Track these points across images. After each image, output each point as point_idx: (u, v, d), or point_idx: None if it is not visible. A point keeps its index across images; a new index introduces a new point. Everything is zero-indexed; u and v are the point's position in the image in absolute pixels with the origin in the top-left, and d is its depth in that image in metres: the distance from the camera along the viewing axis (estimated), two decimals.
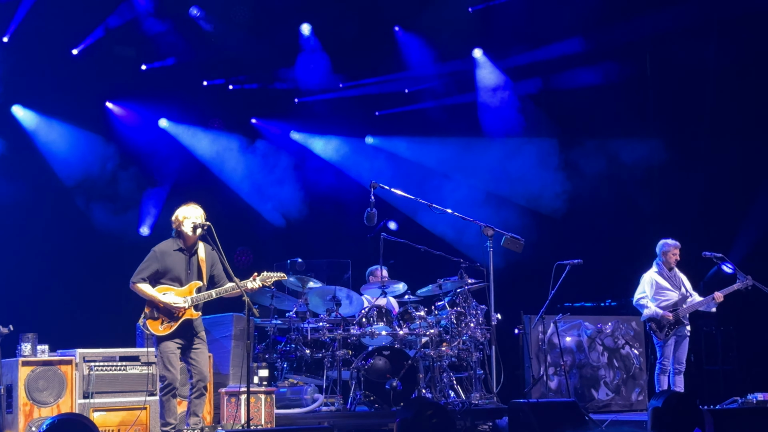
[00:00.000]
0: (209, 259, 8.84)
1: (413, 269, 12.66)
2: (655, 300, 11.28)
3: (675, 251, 11.40)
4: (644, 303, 11.35)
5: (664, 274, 11.37)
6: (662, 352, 11.20)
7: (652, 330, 11.26)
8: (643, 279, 11.51)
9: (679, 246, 11.41)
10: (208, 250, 8.85)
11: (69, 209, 13.69)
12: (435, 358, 10.59)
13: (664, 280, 11.33)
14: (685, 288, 11.37)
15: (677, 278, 11.41)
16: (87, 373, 9.50)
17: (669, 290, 11.30)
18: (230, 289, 8.68)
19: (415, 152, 15.83)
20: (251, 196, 15.10)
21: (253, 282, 8.74)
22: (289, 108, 15.89)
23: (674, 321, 11.12)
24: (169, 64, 14.76)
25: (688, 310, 11.19)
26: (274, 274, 8.90)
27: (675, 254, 11.40)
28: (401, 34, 15.53)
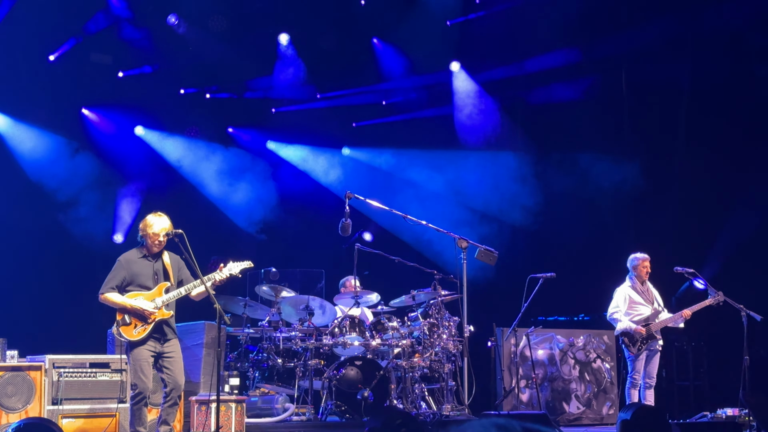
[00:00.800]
0: (175, 264, 8.81)
1: (387, 280, 12.66)
2: (627, 314, 11.32)
3: (645, 263, 11.44)
4: (617, 317, 11.39)
5: (637, 288, 11.42)
6: (633, 366, 11.24)
7: (625, 344, 11.30)
8: (616, 293, 11.55)
9: (648, 258, 11.47)
10: (173, 256, 8.82)
11: (42, 215, 13.61)
12: (407, 369, 10.59)
13: (637, 295, 11.38)
14: (657, 303, 11.42)
15: (650, 293, 11.46)
16: (56, 380, 9.43)
17: (642, 305, 11.34)
18: (198, 284, 8.61)
19: (391, 164, 15.87)
20: (226, 205, 15.08)
21: (220, 273, 8.69)
22: (265, 117, 15.90)
23: (647, 335, 11.16)
24: (146, 71, 14.75)
25: (659, 325, 11.24)
26: (239, 263, 8.81)
27: (645, 266, 11.44)
28: (379, 45, 15.59)
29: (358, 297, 10.95)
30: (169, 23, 14.33)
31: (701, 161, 13.80)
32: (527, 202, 14.66)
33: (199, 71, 15.03)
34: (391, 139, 15.90)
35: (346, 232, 10.49)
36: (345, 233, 10.51)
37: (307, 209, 15.43)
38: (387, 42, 15.54)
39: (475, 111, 15.51)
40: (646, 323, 11.20)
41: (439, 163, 15.43)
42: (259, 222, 15.01)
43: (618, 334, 11.42)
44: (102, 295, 8.61)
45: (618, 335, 11.42)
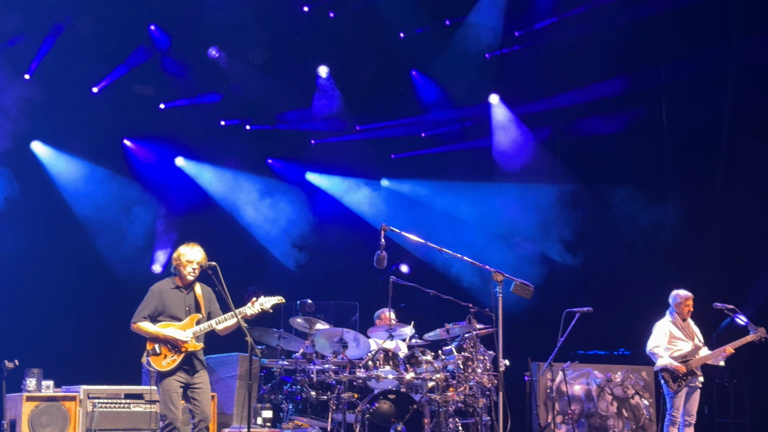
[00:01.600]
0: (206, 296, 8.86)
1: (422, 313, 12.61)
2: (667, 350, 11.14)
3: (688, 302, 11.26)
4: (657, 352, 11.19)
5: (677, 324, 11.23)
6: (672, 404, 11.03)
7: (664, 380, 11.09)
8: (656, 328, 11.37)
9: (692, 297, 11.29)
10: (204, 288, 8.87)
11: (82, 245, 13.79)
12: (441, 403, 10.50)
13: (677, 330, 11.19)
14: (698, 339, 11.24)
15: (690, 329, 11.27)
16: (90, 410, 9.51)
17: (682, 340, 11.15)
18: (229, 317, 8.65)
19: (428, 196, 15.86)
20: (264, 236, 15.16)
21: (251, 308, 8.73)
22: (304, 149, 16.01)
23: (687, 372, 10.97)
24: (187, 103, 14.93)
25: (699, 361, 11.05)
26: (271, 298, 8.87)
27: (688, 305, 11.25)
28: (418, 77, 15.62)
29: (392, 330, 10.90)
30: (210, 56, 14.50)
31: (741, 195, 13.62)
32: (564, 235, 14.57)
33: (239, 103, 15.19)
34: (429, 171, 15.92)
35: (382, 264, 10.44)
36: (380, 266, 10.45)
37: (343, 241, 15.46)
38: (426, 74, 15.58)
39: (514, 143, 15.48)
40: (686, 359, 11.02)
41: (477, 195, 15.41)
42: (295, 253, 15.05)
43: (657, 370, 11.22)
44: (134, 324, 8.67)
45: (657, 371, 11.23)
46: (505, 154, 15.53)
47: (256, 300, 8.80)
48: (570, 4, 14.25)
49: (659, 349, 11.14)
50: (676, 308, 11.25)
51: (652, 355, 11.23)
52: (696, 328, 11.30)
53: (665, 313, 11.38)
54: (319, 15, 14.50)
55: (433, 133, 16.32)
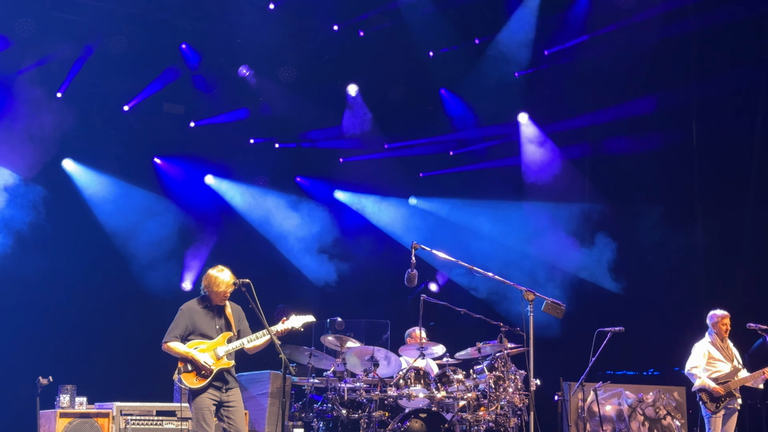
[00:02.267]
0: (236, 314, 8.86)
1: (452, 331, 12.60)
2: (706, 371, 11.02)
3: (725, 320, 11.14)
4: (695, 373, 11.03)
5: (716, 345, 11.09)
6: (711, 425, 10.86)
7: (702, 401, 10.93)
8: (695, 348, 11.22)
9: (728, 316, 11.17)
10: (234, 306, 8.88)
11: (113, 262, 13.86)
12: (472, 422, 10.46)
13: (716, 351, 11.05)
14: (737, 360, 11.11)
15: (729, 350, 11.15)
16: (123, 427, 9.53)
17: (721, 362, 11.00)
18: (261, 335, 8.65)
19: (458, 214, 15.85)
20: (293, 254, 15.18)
21: (282, 325, 8.73)
22: (333, 167, 16.04)
23: (726, 394, 10.85)
24: (217, 121, 14.99)
25: (738, 383, 10.91)
26: (302, 316, 8.87)
27: (725, 324, 11.13)
28: (447, 96, 15.64)
29: (423, 348, 10.88)
30: (241, 74, 14.57)
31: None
32: (595, 255, 14.49)
33: (268, 121, 15.25)
34: (458, 189, 15.92)
35: (412, 282, 10.42)
36: (411, 284, 10.44)
37: (372, 259, 15.46)
38: (454, 93, 15.59)
39: (543, 162, 15.45)
40: (725, 381, 10.90)
41: (506, 214, 15.38)
42: (324, 271, 15.05)
43: (695, 391, 11.08)
44: (165, 344, 8.68)
45: (695, 392, 11.09)
46: (534, 173, 15.50)
47: (286, 319, 8.81)
48: (600, 23, 14.22)
49: (698, 370, 11.01)
50: (713, 328, 11.16)
51: (691, 376, 11.09)
52: (735, 350, 11.20)
53: (704, 335, 11.28)
54: (349, 34, 14.54)
55: (461, 152, 16.33)
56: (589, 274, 14.56)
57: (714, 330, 11.14)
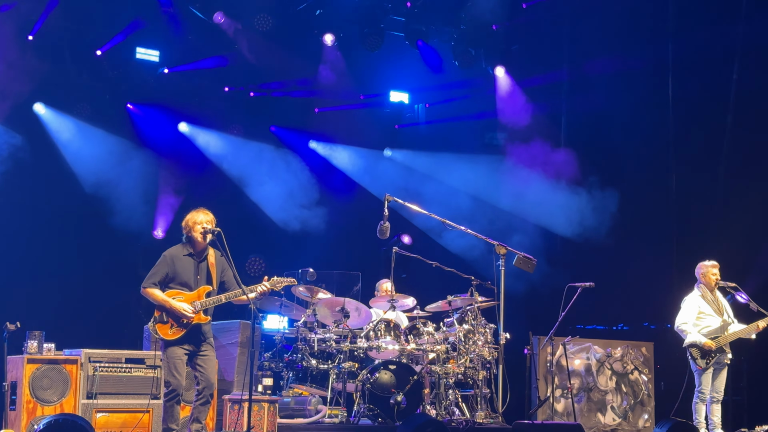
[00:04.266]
0: (219, 265, 8.84)
1: (424, 284, 12.62)
2: (696, 326, 11.00)
3: (714, 270, 11.06)
4: (685, 329, 10.95)
5: (707, 298, 11.01)
6: (700, 381, 10.84)
7: (692, 357, 10.91)
8: (685, 303, 11.14)
9: (717, 265, 11.10)
10: (218, 256, 8.84)
11: (84, 209, 13.73)
12: (441, 374, 10.53)
13: (706, 305, 11.00)
14: (727, 314, 11.10)
15: (719, 303, 11.10)
16: (92, 374, 9.50)
17: (711, 316, 10.93)
18: (239, 293, 8.67)
19: (432, 167, 15.80)
20: (267, 204, 15.08)
21: (262, 286, 8.74)
22: (308, 117, 15.92)
23: (716, 349, 10.88)
24: (191, 68, 14.81)
25: (729, 338, 10.92)
26: (284, 279, 8.93)
27: (714, 274, 11.04)
28: (424, 48, 15.51)
29: (394, 301, 10.90)
30: (216, 21, 14.36)
31: (745, 174, 13.58)
32: (567, 210, 14.52)
33: (243, 69, 15.06)
34: (434, 142, 15.87)
35: (384, 235, 10.45)
36: (383, 236, 10.47)
37: (346, 210, 15.43)
38: (431, 45, 15.47)
39: (518, 116, 15.40)
40: (716, 336, 10.91)
41: (480, 168, 15.35)
42: (297, 222, 14.99)
43: (686, 347, 11.04)
44: (144, 289, 8.66)
45: (686, 347, 11.06)
46: (509, 128, 15.47)
47: (268, 279, 8.82)
48: None
49: (687, 326, 10.95)
50: (702, 279, 11.11)
51: (681, 332, 11.05)
52: (725, 302, 11.15)
53: (693, 288, 11.26)
54: None
55: (437, 104, 16.24)
56: (561, 228, 14.58)
57: (703, 281, 11.11)
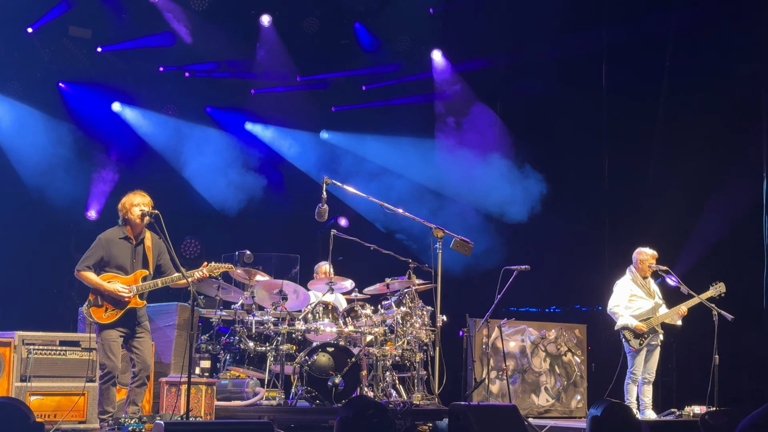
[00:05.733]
0: (156, 248, 8.76)
1: (362, 267, 12.65)
2: (627, 308, 11.22)
3: (652, 260, 11.32)
4: (617, 311, 11.21)
5: (638, 282, 11.28)
6: (633, 362, 11.08)
7: (626, 339, 11.13)
8: (617, 287, 11.40)
9: (656, 256, 11.38)
10: (155, 239, 8.77)
11: (15, 189, 13.49)
12: (379, 356, 10.59)
13: (637, 288, 11.26)
14: (658, 297, 11.34)
15: (650, 287, 11.38)
16: (25, 356, 9.35)
17: (642, 299, 11.20)
18: (176, 278, 8.63)
19: (369, 150, 15.81)
20: (202, 186, 14.96)
21: (200, 272, 8.70)
22: (244, 98, 15.82)
23: (648, 331, 11.11)
24: (126, 47, 14.60)
25: (659, 320, 11.14)
26: (222, 264, 8.92)
27: (652, 264, 11.33)
28: (361, 30, 15.50)
29: (332, 283, 10.92)
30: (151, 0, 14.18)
31: (677, 159, 13.83)
32: (503, 194, 14.63)
33: (179, 49, 14.90)
34: (370, 124, 15.87)
35: (322, 217, 10.45)
36: (321, 218, 10.46)
37: (284, 193, 15.38)
38: (369, 27, 15.46)
39: (455, 100, 15.49)
40: (647, 318, 11.14)
41: (417, 151, 15.40)
42: (234, 204, 14.90)
43: (618, 329, 11.29)
44: (78, 272, 8.56)
45: (618, 330, 11.30)
46: (446, 111, 15.54)
47: (207, 264, 8.78)
48: None
49: (619, 308, 11.21)
50: (639, 265, 11.34)
51: (613, 315, 11.29)
52: (655, 286, 11.41)
53: (625, 271, 11.47)
54: None
55: (374, 87, 16.25)
56: (497, 211, 14.68)
57: (638, 266, 11.34)
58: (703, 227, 13.44)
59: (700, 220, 13.50)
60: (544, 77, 14.78)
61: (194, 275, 8.64)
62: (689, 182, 13.57)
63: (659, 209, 13.83)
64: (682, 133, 13.85)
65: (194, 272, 8.66)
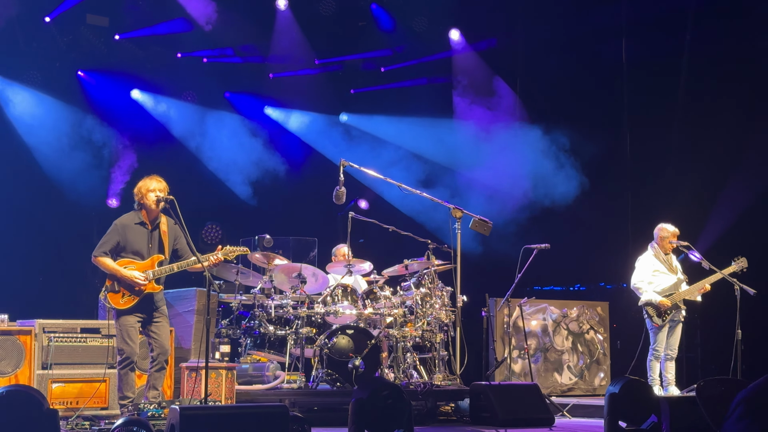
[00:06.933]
0: (172, 233, 8.78)
1: (381, 249, 12.64)
2: (651, 284, 11.15)
3: (673, 238, 11.24)
4: (641, 287, 11.16)
5: (660, 258, 11.21)
6: (656, 338, 11.02)
7: (648, 315, 11.08)
8: (639, 263, 11.34)
9: (678, 233, 11.30)
10: (170, 224, 8.79)
11: (36, 178, 13.58)
12: (399, 338, 10.58)
13: (660, 264, 11.20)
14: (680, 273, 11.27)
15: (672, 262, 11.30)
16: (46, 344, 9.41)
17: (665, 274, 11.14)
18: (192, 263, 8.63)
19: (388, 131, 15.77)
20: (222, 171, 14.99)
21: (215, 256, 8.71)
22: (263, 83, 15.81)
23: (671, 307, 11.05)
24: (143, 35, 14.63)
25: (682, 296, 11.06)
26: (237, 248, 8.91)
27: (673, 241, 11.24)
28: (378, 11, 15.43)
29: (351, 266, 10.91)
30: None
31: (699, 134, 13.70)
32: (523, 173, 14.56)
33: (196, 35, 14.90)
34: (389, 106, 15.83)
35: (341, 200, 10.45)
36: (339, 201, 10.47)
37: (302, 176, 15.38)
38: (386, 8, 15.39)
39: (474, 79, 15.40)
40: (670, 293, 11.08)
41: (436, 132, 15.34)
42: (253, 188, 14.93)
43: (642, 305, 11.22)
44: (95, 258, 8.60)
45: (642, 306, 11.21)
46: (465, 91, 15.46)
47: (222, 248, 8.79)
48: None
49: (643, 284, 11.16)
50: (660, 242, 11.28)
51: (636, 290, 11.24)
52: (677, 262, 11.34)
53: (647, 247, 11.40)
54: None
55: (392, 68, 16.19)
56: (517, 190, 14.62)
57: (659, 243, 11.28)
58: (725, 201, 13.31)
59: (722, 194, 13.37)
60: (564, 54, 14.67)
61: (209, 259, 8.64)
62: (711, 157, 13.43)
63: (681, 185, 13.72)
64: (703, 107, 13.73)
65: (209, 256, 8.67)
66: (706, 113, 13.61)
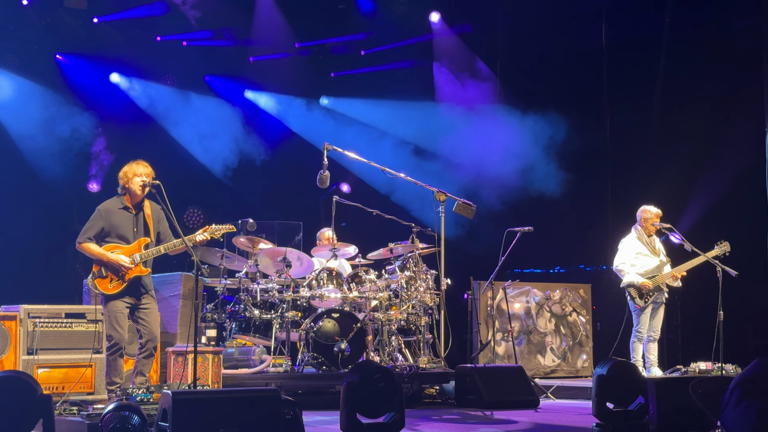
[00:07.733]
0: (156, 216, 8.75)
1: (365, 232, 12.63)
2: (633, 266, 11.23)
3: (656, 219, 11.30)
4: (623, 269, 11.24)
5: (642, 240, 11.29)
6: (638, 320, 11.12)
7: (631, 297, 11.16)
8: (622, 245, 11.41)
9: (661, 214, 11.36)
10: (154, 207, 8.76)
11: (15, 162, 13.47)
12: (384, 321, 10.61)
13: (643, 246, 11.27)
14: (663, 255, 11.36)
15: (655, 245, 11.38)
16: (31, 329, 9.36)
17: (647, 257, 11.22)
18: (178, 243, 8.59)
19: (369, 115, 15.75)
20: (204, 155, 14.93)
21: (202, 234, 8.67)
22: (243, 66, 15.73)
23: (653, 288, 11.13)
24: (122, 18, 14.51)
25: (664, 278, 11.15)
26: (222, 226, 8.85)
27: (656, 222, 11.31)
28: None
29: (335, 249, 10.91)
30: None
31: (678, 115, 13.76)
32: (505, 155, 14.58)
33: (176, 18, 14.81)
34: (370, 89, 15.80)
35: (324, 183, 10.44)
36: (323, 185, 10.46)
37: (285, 160, 15.34)
38: None
39: (454, 63, 15.39)
40: (652, 275, 11.17)
41: (418, 115, 15.33)
42: (236, 173, 14.89)
43: (624, 287, 11.30)
44: (79, 244, 8.55)
45: (624, 287, 11.31)
46: (446, 74, 15.46)
47: (208, 227, 8.75)
48: None
49: (625, 266, 11.23)
50: (643, 223, 11.34)
51: (619, 272, 11.33)
52: (660, 245, 11.42)
53: (630, 229, 11.47)
54: None
55: (373, 51, 16.15)
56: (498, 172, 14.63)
57: (642, 225, 11.34)
58: (706, 183, 13.39)
59: (703, 176, 13.46)
60: (544, 36, 14.67)
61: (195, 239, 8.61)
62: (692, 138, 13.50)
63: (662, 166, 13.78)
64: (683, 89, 13.78)
65: (195, 235, 8.63)
66: (686, 94, 13.67)
